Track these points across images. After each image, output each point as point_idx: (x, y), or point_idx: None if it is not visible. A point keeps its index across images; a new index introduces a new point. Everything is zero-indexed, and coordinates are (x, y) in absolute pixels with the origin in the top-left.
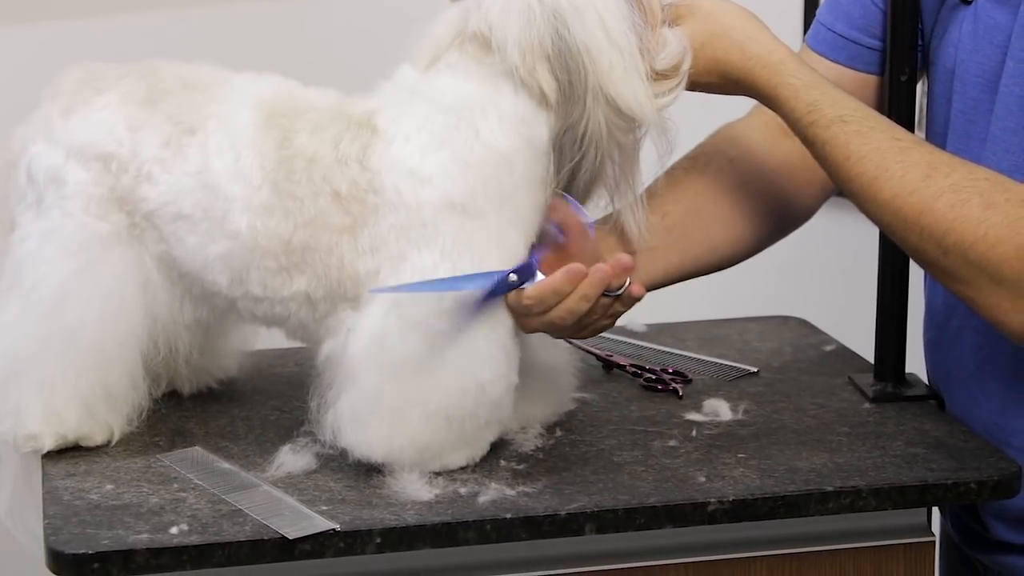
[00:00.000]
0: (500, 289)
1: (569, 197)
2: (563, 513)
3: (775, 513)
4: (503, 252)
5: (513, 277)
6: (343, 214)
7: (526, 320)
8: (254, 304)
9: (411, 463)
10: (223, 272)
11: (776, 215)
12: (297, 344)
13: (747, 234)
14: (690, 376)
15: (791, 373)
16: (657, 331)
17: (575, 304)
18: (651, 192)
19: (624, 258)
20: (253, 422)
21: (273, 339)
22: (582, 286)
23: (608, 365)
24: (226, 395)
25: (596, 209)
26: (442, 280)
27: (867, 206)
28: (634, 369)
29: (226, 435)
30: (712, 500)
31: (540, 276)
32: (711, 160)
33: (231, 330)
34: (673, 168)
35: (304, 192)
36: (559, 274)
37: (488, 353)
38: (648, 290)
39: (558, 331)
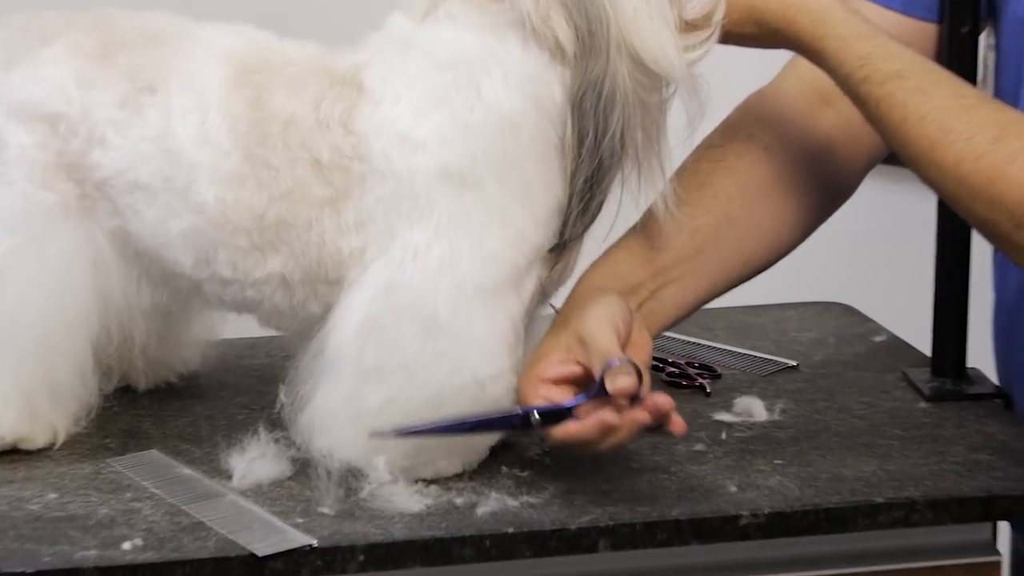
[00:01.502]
0: (518, 424)
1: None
2: (573, 527)
3: (817, 528)
4: (507, 230)
5: (536, 416)
6: (324, 185)
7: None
8: (222, 287)
9: (399, 469)
10: (186, 250)
11: (817, 203)
12: (270, 333)
13: (784, 234)
14: (719, 371)
15: (835, 367)
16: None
17: (605, 446)
18: (679, 199)
19: (663, 401)
20: (218, 422)
21: (243, 327)
22: (616, 436)
23: None
24: (187, 391)
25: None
26: (453, 423)
27: (928, 173)
28: (655, 362)
29: (187, 437)
30: (744, 513)
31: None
32: (744, 153)
33: (194, 317)
34: (700, 160)
35: (280, 160)
36: (591, 425)
37: (489, 345)
38: (676, 323)
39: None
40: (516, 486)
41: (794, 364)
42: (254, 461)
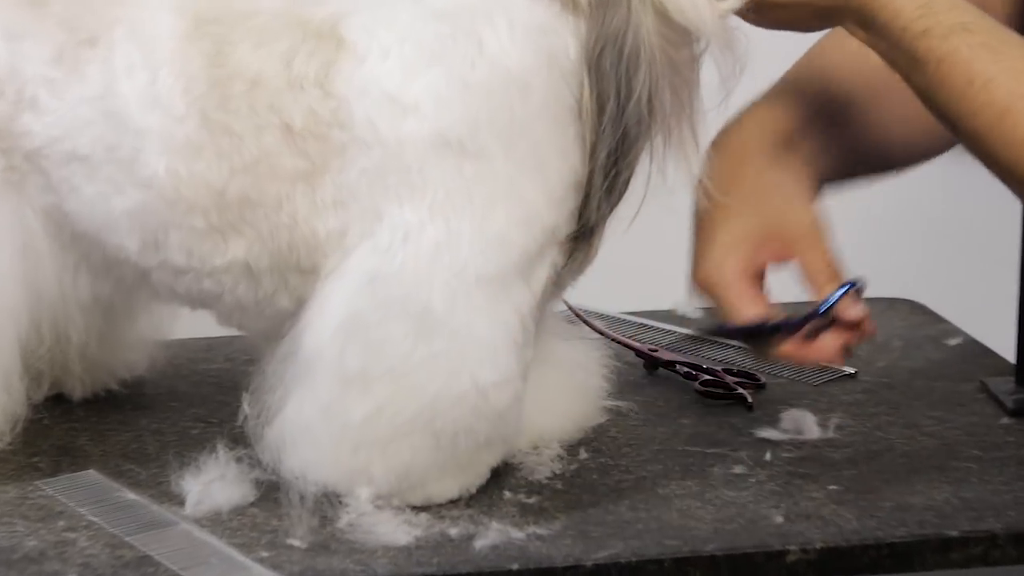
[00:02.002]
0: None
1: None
2: (589, 564)
3: (879, 566)
4: (514, 209)
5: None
6: (297, 156)
7: None
8: (174, 277)
9: (384, 494)
10: (132, 233)
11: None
12: (232, 332)
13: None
14: (763, 379)
15: (901, 375)
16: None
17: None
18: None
19: (869, 326)
20: (168, 437)
21: (199, 325)
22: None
23: (652, 363)
24: (132, 401)
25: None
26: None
27: (995, 149)
28: (687, 369)
29: (131, 455)
30: (793, 548)
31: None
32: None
33: (141, 313)
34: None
35: (244, 126)
36: (833, 350)
37: (493, 345)
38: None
39: None
40: (522, 515)
41: (852, 371)
42: (211, 484)
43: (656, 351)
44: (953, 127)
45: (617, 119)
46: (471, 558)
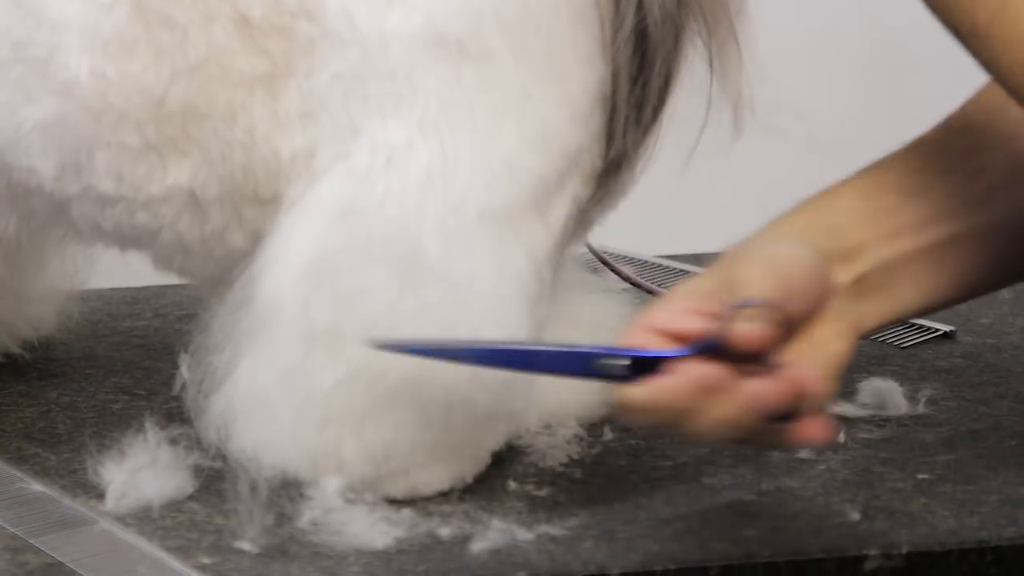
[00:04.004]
0: (587, 371)
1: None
2: (615, 572)
3: (982, 574)
4: (528, 126)
5: (616, 363)
6: (255, 55)
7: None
8: (100, 209)
9: (358, 483)
10: (47, 153)
11: None
12: (162, 281)
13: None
14: None
15: (1011, 336)
16: None
17: (708, 428)
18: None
19: (807, 377)
20: (84, 413)
21: (122, 273)
22: (719, 410)
23: None
24: (37, 367)
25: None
26: (491, 348)
27: (997, 48)
28: None
29: (37, 436)
30: (873, 552)
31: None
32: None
33: (52, 256)
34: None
35: (188, 16)
36: (683, 382)
37: (499, 296)
38: (927, 314)
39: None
40: (530, 511)
41: (949, 330)
42: (138, 472)
43: None
44: (952, 25)
45: (637, 9)
46: (466, 565)
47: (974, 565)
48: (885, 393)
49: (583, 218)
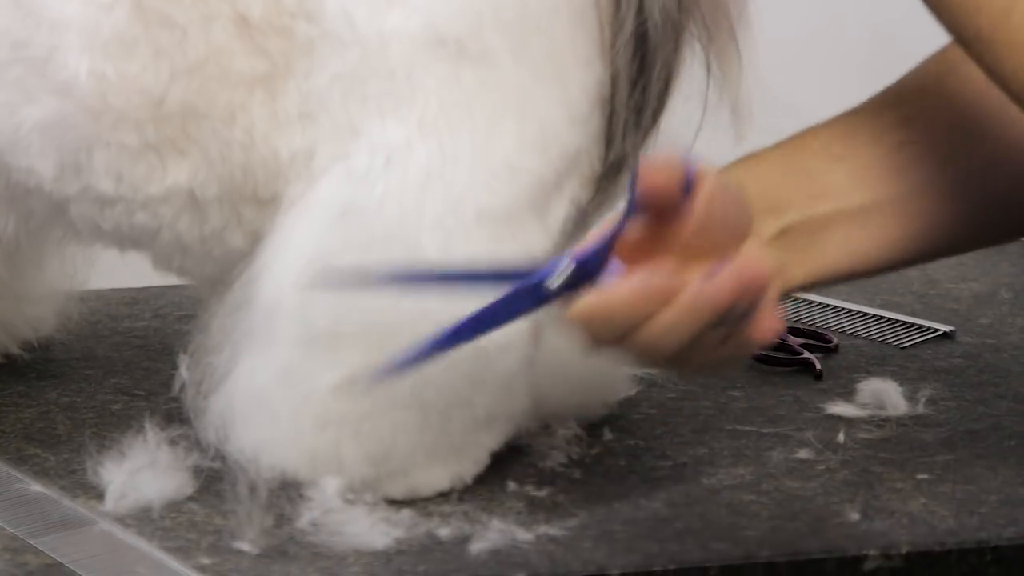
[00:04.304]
0: (533, 295)
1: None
2: (615, 572)
3: (981, 575)
4: (527, 127)
5: (554, 281)
6: (254, 55)
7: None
8: (99, 209)
9: (357, 484)
10: (46, 153)
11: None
12: (162, 281)
13: (994, 219)
14: (835, 341)
15: (1010, 336)
16: None
17: (657, 337)
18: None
19: (753, 266)
20: (83, 414)
21: (122, 273)
22: (673, 310)
23: None
24: (37, 368)
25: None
26: (429, 275)
27: (1000, 53)
28: None
29: (36, 437)
30: (872, 552)
31: (612, 270)
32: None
33: (51, 256)
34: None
35: (188, 16)
36: (623, 290)
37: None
38: (852, 279)
39: (641, 362)
40: (530, 511)
41: (949, 330)
42: (138, 473)
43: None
44: (955, 30)
45: (638, 11)
46: (466, 565)
47: (973, 565)
48: (884, 393)
49: (582, 221)
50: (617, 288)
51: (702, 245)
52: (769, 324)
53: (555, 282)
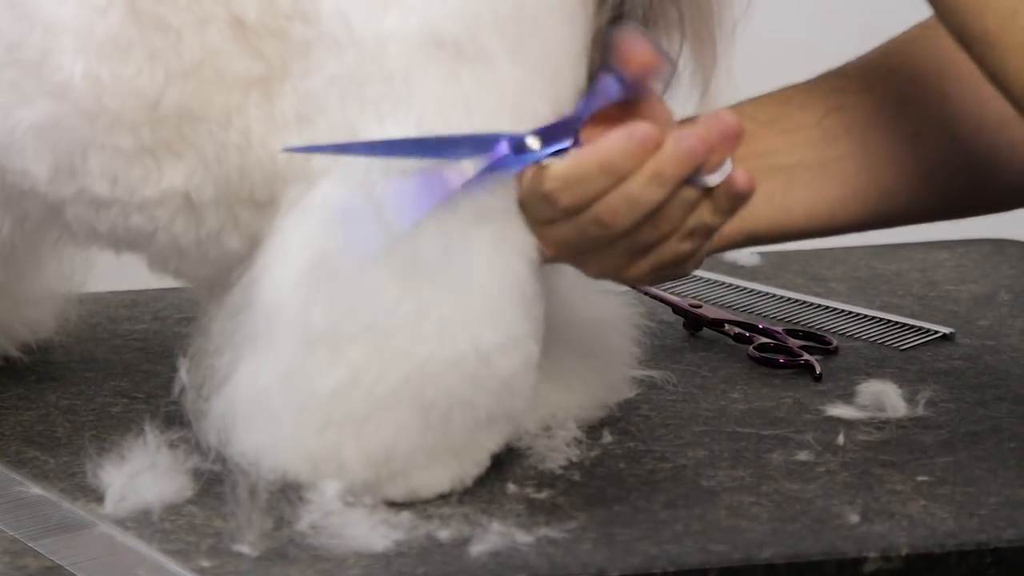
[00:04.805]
0: (509, 163)
1: (633, 29)
2: (614, 574)
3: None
4: (523, 126)
5: (533, 143)
6: (250, 57)
7: (548, 229)
8: (95, 211)
9: (357, 486)
10: (41, 155)
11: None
12: (162, 283)
13: (926, 190)
14: (834, 343)
15: (1010, 338)
16: (778, 264)
17: (640, 191)
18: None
19: (726, 119)
20: (82, 416)
21: (121, 275)
22: (653, 163)
23: (694, 322)
24: (36, 370)
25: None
26: (406, 142)
27: (1003, 56)
28: (738, 329)
29: (36, 439)
30: (872, 554)
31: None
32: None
33: (48, 259)
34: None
35: (183, 19)
36: (613, 137)
37: (497, 297)
38: (779, 238)
39: (603, 257)
40: (530, 513)
41: (948, 332)
42: (138, 475)
43: (699, 307)
44: (960, 30)
45: (617, 5)
46: (466, 567)
47: (973, 567)
48: (884, 395)
49: None
50: (608, 137)
51: None
52: (747, 175)
53: (534, 143)
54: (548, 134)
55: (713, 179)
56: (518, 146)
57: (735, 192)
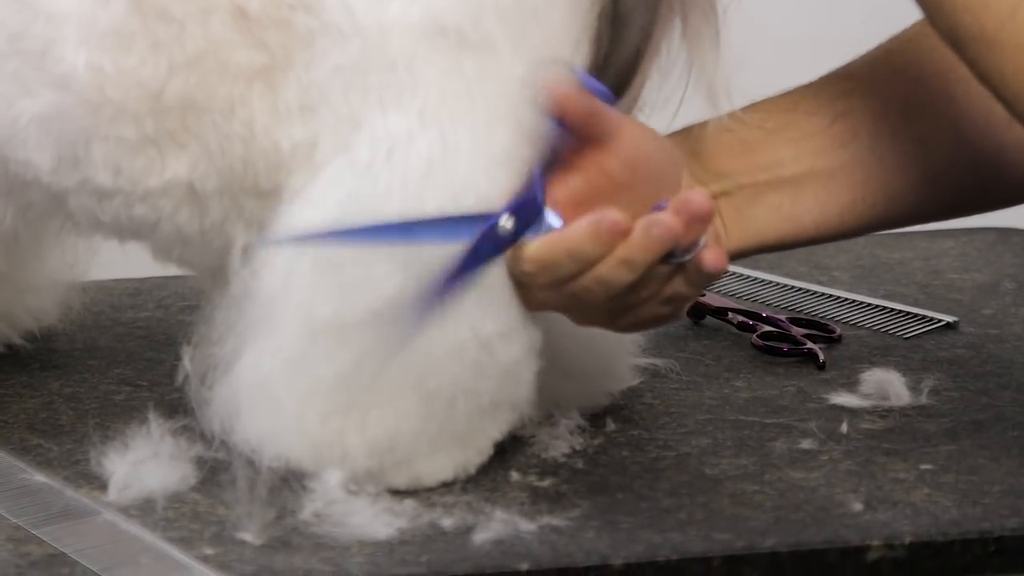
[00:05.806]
0: (487, 246)
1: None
2: (618, 562)
3: (985, 566)
4: (526, 116)
5: (506, 223)
6: (253, 48)
7: (531, 294)
8: (98, 201)
9: (361, 474)
10: (44, 146)
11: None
12: (165, 272)
13: (935, 192)
14: (838, 331)
15: (1014, 327)
16: (781, 252)
17: (610, 274)
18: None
19: (695, 199)
20: (86, 405)
21: (125, 263)
22: (622, 249)
23: (697, 310)
24: (39, 358)
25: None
26: (381, 228)
27: (1001, 55)
28: (742, 318)
29: (39, 427)
30: (875, 543)
31: (553, 220)
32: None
33: (52, 247)
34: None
35: (186, 9)
36: (580, 226)
37: (498, 286)
38: (789, 247)
39: (587, 315)
40: (533, 501)
41: (952, 321)
42: (141, 464)
43: (703, 295)
44: (953, 30)
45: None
46: (469, 555)
47: (977, 556)
48: (887, 384)
49: None
50: (575, 226)
51: (634, 197)
52: (716, 254)
53: (507, 224)
54: (519, 208)
55: (685, 258)
56: (491, 232)
57: (704, 272)
